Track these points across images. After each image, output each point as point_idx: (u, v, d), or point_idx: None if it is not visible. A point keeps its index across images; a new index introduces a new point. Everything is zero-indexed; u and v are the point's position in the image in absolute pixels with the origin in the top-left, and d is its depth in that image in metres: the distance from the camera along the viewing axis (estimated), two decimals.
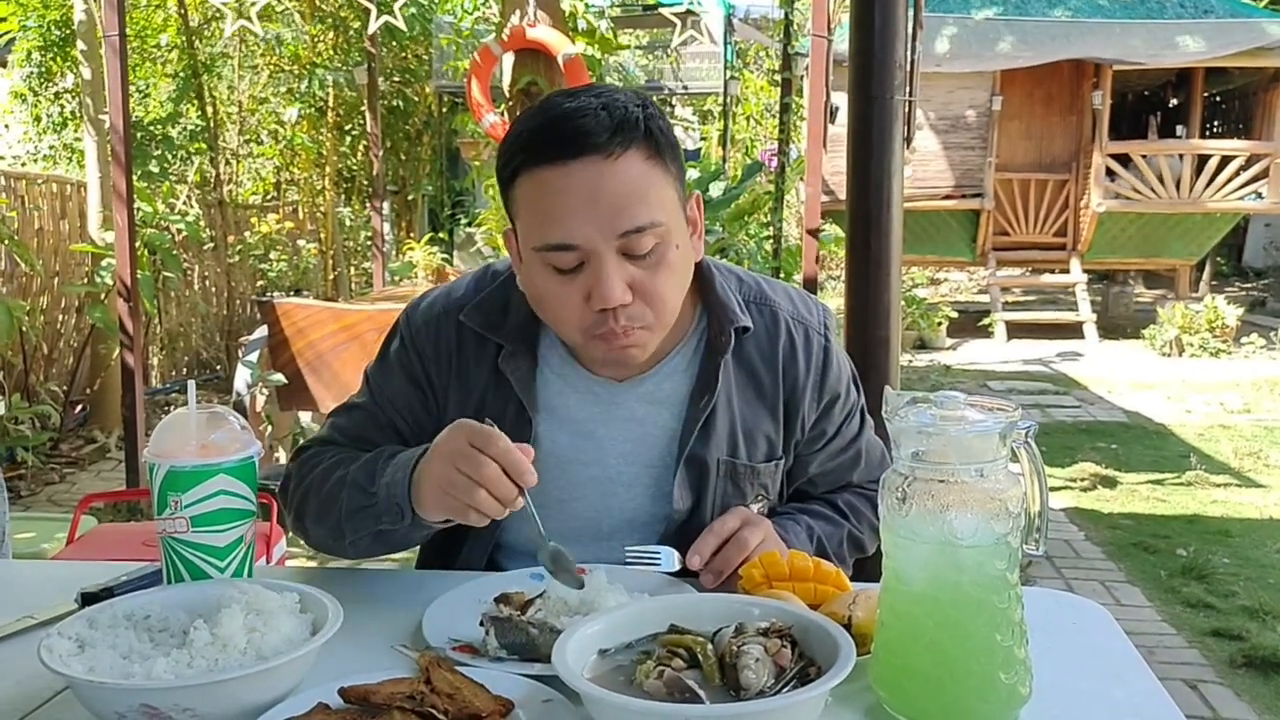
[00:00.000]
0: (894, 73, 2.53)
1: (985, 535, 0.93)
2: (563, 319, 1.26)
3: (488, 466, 1.10)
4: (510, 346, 1.37)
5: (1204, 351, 9.78)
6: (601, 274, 1.19)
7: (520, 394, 1.36)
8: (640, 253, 1.21)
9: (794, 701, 0.88)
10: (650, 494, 1.38)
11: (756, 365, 1.41)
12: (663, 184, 1.22)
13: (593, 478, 1.38)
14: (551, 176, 1.18)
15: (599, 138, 1.17)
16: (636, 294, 1.22)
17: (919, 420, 0.95)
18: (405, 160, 12.34)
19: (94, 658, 0.97)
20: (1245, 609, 3.86)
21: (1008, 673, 0.94)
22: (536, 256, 1.23)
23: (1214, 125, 12.23)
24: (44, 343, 6.43)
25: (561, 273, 1.22)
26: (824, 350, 1.44)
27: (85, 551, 2.73)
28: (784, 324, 1.42)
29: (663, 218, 1.21)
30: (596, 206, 1.17)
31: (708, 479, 1.38)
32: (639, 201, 1.19)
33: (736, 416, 1.39)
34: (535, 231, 1.22)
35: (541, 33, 6.06)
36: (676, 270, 1.25)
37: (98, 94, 5.72)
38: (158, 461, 1.14)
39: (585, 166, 1.17)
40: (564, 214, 1.18)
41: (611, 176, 1.17)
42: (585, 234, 1.18)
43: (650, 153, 1.21)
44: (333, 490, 1.31)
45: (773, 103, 11.51)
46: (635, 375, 1.38)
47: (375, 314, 4.96)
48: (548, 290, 1.25)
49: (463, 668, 1.01)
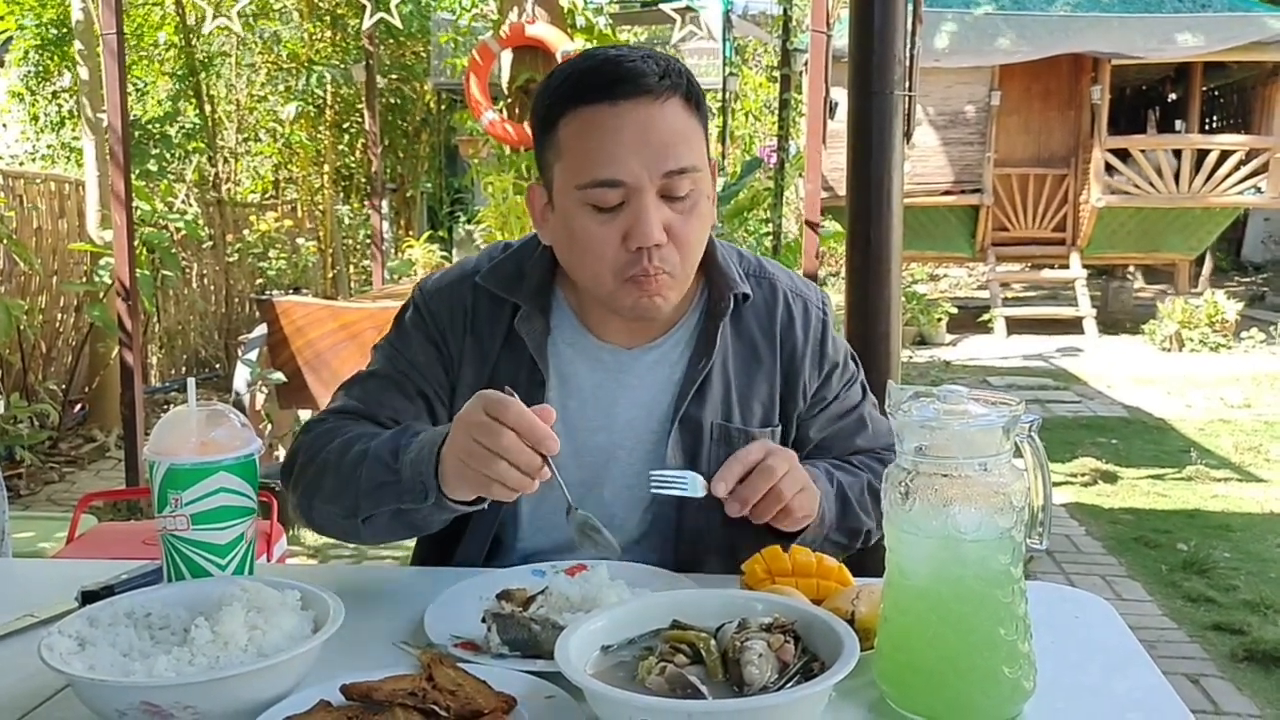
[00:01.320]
0: (894, 67, 2.52)
1: (989, 529, 0.93)
2: (597, 261, 1.28)
3: (505, 435, 1.07)
4: (526, 308, 1.39)
5: (1204, 346, 9.78)
6: (642, 213, 1.24)
7: (534, 355, 1.37)
8: (678, 194, 1.26)
9: (797, 697, 0.88)
10: (649, 459, 1.39)
11: (755, 334, 1.44)
12: (699, 136, 1.28)
13: (599, 445, 1.39)
14: (602, 114, 1.23)
15: (650, 79, 1.23)
16: (670, 237, 1.26)
17: (922, 414, 0.95)
18: (404, 158, 12.34)
19: (94, 656, 0.97)
20: (1246, 603, 3.86)
21: (1011, 667, 0.94)
22: (578, 196, 1.26)
23: (1213, 119, 12.22)
24: (42, 341, 6.42)
25: (601, 212, 1.25)
26: (822, 323, 1.47)
27: (85, 550, 2.72)
28: (782, 295, 1.46)
29: (700, 165, 1.27)
30: (645, 145, 1.22)
31: (701, 441, 1.39)
32: (683, 144, 1.25)
33: (732, 381, 1.42)
34: (582, 169, 1.25)
35: (540, 29, 6.05)
36: (705, 221, 1.31)
37: (95, 93, 5.71)
38: (158, 459, 1.14)
39: (636, 106, 1.22)
40: (614, 151, 1.23)
41: (660, 117, 1.23)
42: (633, 171, 1.23)
43: (690, 105, 1.27)
44: (351, 464, 1.26)
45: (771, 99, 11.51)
46: (643, 344, 1.41)
47: (374, 312, 4.96)
48: (585, 230, 1.27)
49: (465, 664, 1.01)
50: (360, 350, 4.83)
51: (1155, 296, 11.84)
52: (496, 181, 6.62)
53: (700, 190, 1.28)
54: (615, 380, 1.40)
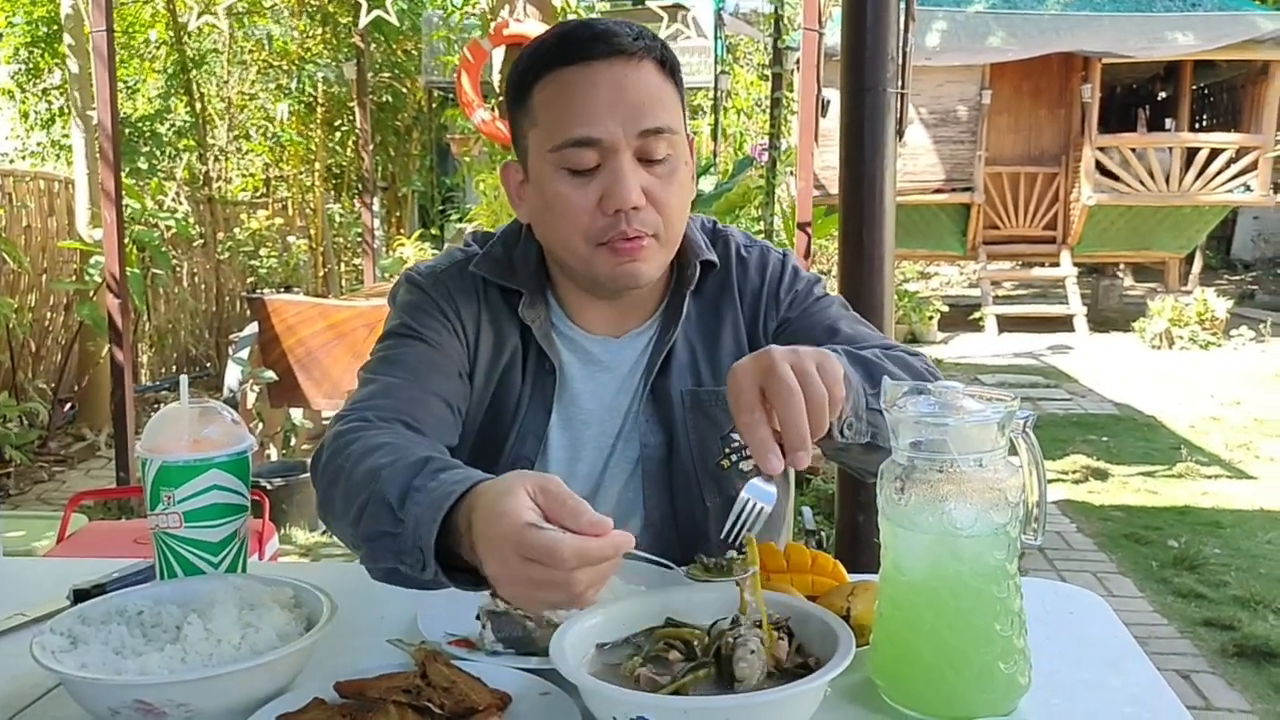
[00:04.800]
0: (886, 65, 2.53)
1: (984, 525, 0.93)
2: (572, 226, 1.25)
3: (577, 583, 0.86)
4: (528, 295, 1.36)
5: (1194, 344, 9.82)
6: (619, 174, 1.21)
7: (542, 343, 1.35)
8: (655, 157, 1.24)
9: (792, 693, 0.88)
10: (628, 439, 1.38)
11: (715, 294, 1.41)
12: (675, 101, 1.27)
13: (593, 435, 1.38)
14: (576, 75, 1.22)
15: (623, 40, 1.22)
16: (649, 200, 1.24)
17: (917, 410, 0.95)
18: (395, 156, 12.32)
19: (87, 654, 0.96)
20: (1236, 599, 3.87)
21: (1007, 662, 0.94)
22: (553, 159, 1.24)
23: (1203, 118, 12.26)
24: (32, 340, 6.40)
25: (577, 175, 1.23)
26: (780, 261, 1.44)
27: (76, 549, 2.71)
28: (736, 249, 1.44)
29: (677, 129, 1.25)
30: (621, 103, 1.21)
31: (673, 411, 1.37)
32: (659, 104, 1.24)
33: (697, 346, 1.39)
34: (557, 129, 1.23)
35: (531, 27, 6.04)
36: (684, 188, 1.28)
37: (85, 90, 5.69)
38: (150, 457, 1.13)
39: (610, 66, 1.22)
40: (588, 109, 1.21)
41: (635, 77, 1.23)
42: (608, 129, 1.21)
43: (665, 70, 1.26)
44: (359, 489, 1.07)
45: (763, 97, 11.51)
46: (628, 331, 1.39)
47: (365, 310, 4.95)
48: (560, 197, 1.24)
49: (459, 662, 1.00)
50: (351, 349, 4.82)
51: (1145, 294, 11.89)
52: (488, 179, 6.62)
53: (678, 156, 1.26)
54: (605, 370, 1.39)
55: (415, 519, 0.97)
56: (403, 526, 0.98)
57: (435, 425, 1.24)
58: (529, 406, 1.36)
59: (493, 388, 1.36)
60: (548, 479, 0.90)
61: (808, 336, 1.35)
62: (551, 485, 0.89)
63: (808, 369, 0.98)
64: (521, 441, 1.35)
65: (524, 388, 1.36)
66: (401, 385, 1.26)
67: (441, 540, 0.95)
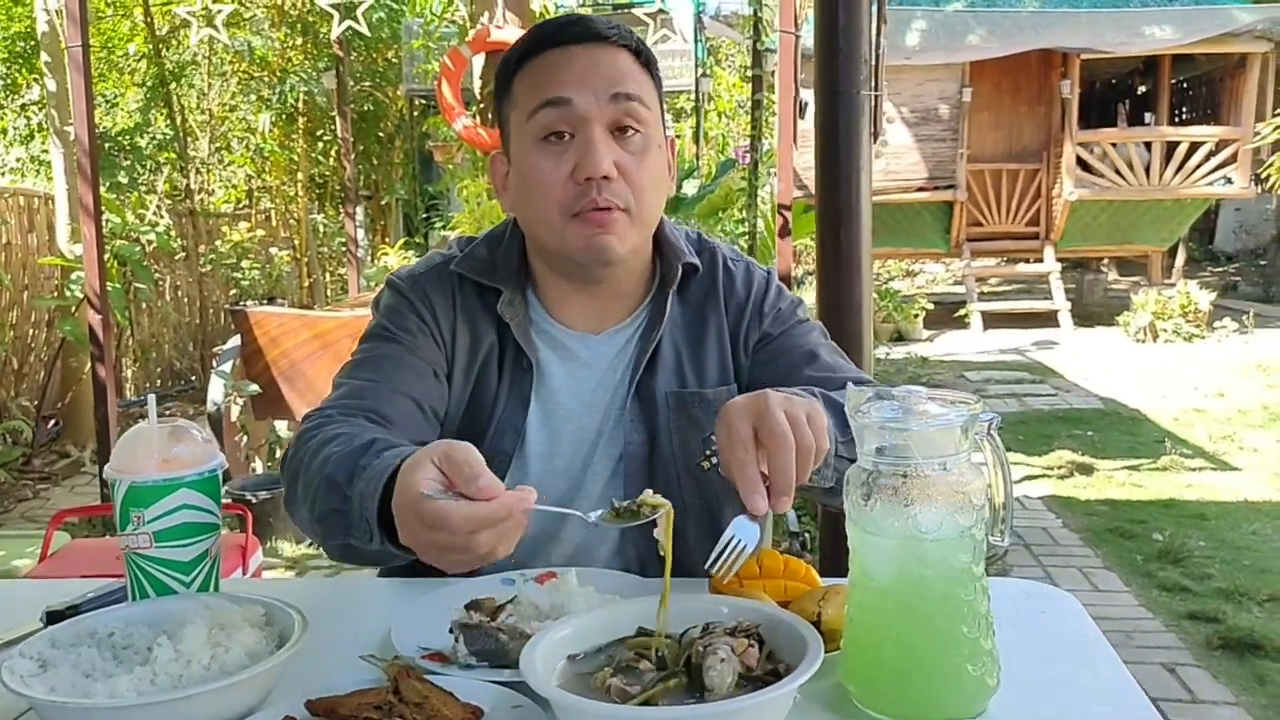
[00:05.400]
0: (859, 67, 2.54)
1: (949, 528, 0.93)
2: (548, 198, 1.31)
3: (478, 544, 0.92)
4: (507, 292, 1.41)
5: (1178, 337, 9.87)
6: (590, 144, 1.28)
7: (520, 340, 1.39)
8: (626, 125, 1.31)
9: (760, 701, 0.88)
10: (611, 436, 1.41)
11: (700, 299, 1.46)
12: (650, 87, 1.35)
13: (572, 430, 1.41)
14: (554, 55, 1.31)
15: (599, 27, 1.32)
16: (621, 173, 1.30)
17: (881, 416, 0.95)
18: (378, 165, 12.30)
19: (56, 677, 0.96)
20: (1221, 591, 3.89)
21: (975, 664, 0.94)
22: (530, 130, 1.31)
23: (1182, 112, 12.33)
24: (14, 357, 6.37)
25: (551, 146, 1.30)
26: (765, 279, 1.49)
27: (58, 568, 2.70)
28: (722, 260, 1.49)
29: (650, 104, 1.33)
30: (594, 75, 1.29)
31: (656, 411, 1.40)
32: (631, 78, 1.32)
33: (682, 349, 1.43)
34: (532, 99, 1.31)
35: (511, 34, 6.05)
36: (655, 171, 1.34)
37: (63, 105, 5.66)
38: (119, 478, 1.13)
39: (585, 47, 1.31)
40: (562, 77, 1.30)
41: (609, 56, 1.32)
42: (580, 93, 1.28)
43: (640, 61, 1.34)
44: (315, 476, 1.15)
45: (745, 99, 11.52)
46: (608, 328, 1.43)
47: (349, 321, 4.94)
48: (536, 169, 1.31)
49: (432, 676, 1.00)
50: (335, 360, 4.81)
51: (1129, 288, 11.96)
52: (471, 186, 6.61)
53: (649, 137, 1.33)
54: (585, 368, 1.42)
55: (360, 494, 1.05)
56: (349, 503, 1.06)
57: (403, 421, 1.29)
58: (506, 402, 1.39)
59: (471, 385, 1.40)
60: (453, 446, 0.94)
61: (787, 358, 1.42)
62: (454, 452, 0.93)
63: (800, 418, 1.02)
64: (500, 436, 1.38)
65: (501, 384, 1.40)
66: (369, 386, 1.32)
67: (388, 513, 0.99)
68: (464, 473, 0.92)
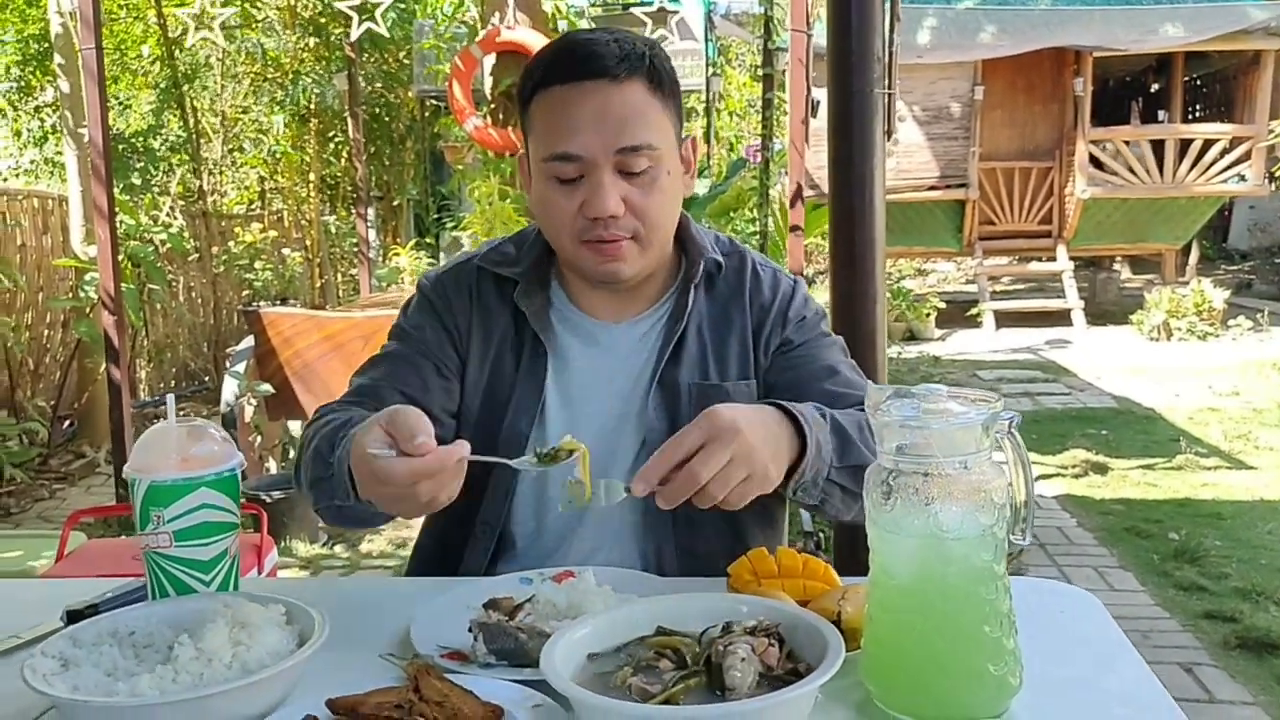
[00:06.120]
0: (872, 65, 2.53)
1: (971, 527, 0.93)
2: (560, 226, 1.38)
3: (419, 493, 1.06)
4: (524, 284, 1.47)
5: (1192, 335, 9.82)
6: (597, 187, 1.32)
7: (536, 327, 1.45)
8: (635, 170, 1.34)
9: (781, 700, 0.88)
10: (634, 423, 1.44)
11: (726, 297, 1.50)
12: (661, 115, 1.36)
13: (592, 414, 1.44)
14: (563, 94, 1.33)
15: (608, 62, 1.31)
16: (629, 208, 1.34)
17: (901, 414, 0.95)
18: (389, 166, 12.31)
19: (78, 676, 0.96)
20: (1238, 591, 3.87)
21: (997, 664, 0.94)
22: (543, 167, 1.36)
23: (1196, 109, 12.26)
24: (30, 358, 6.40)
25: (563, 183, 1.35)
26: (792, 286, 1.53)
27: (75, 568, 2.71)
28: (751, 263, 1.53)
29: (658, 143, 1.34)
30: (601, 123, 1.31)
31: (679, 401, 1.43)
32: (639, 123, 1.33)
33: (708, 342, 1.47)
34: (545, 143, 1.35)
35: (521, 34, 6.05)
36: (666, 194, 1.37)
37: (77, 107, 5.69)
38: (139, 477, 1.13)
39: (596, 87, 1.31)
40: (571, 127, 1.32)
41: (618, 97, 1.32)
42: (587, 146, 1.32)
43: (652, 86, 1.34)
44: (310, 453, 1.32)
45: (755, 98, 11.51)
46: (629, 318, 1.48)
47: (361, 322, 4.95)
48: (549, 199, 1.37)
49: (451, 675, 1.00)
50: (347, 360, 4.82)
51: (1142, 287, 11.90)
52: (482, 187, 6.61)
53: (660, 166, 1.35)
54: (606, 353, 1.47)
55: (339, 460, 1.21)
56: (331, 469, 1.23)
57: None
58: (522, 386, 1.44)
59: (487, 371, 1.46)
60: (397, 410, 1.08)
61: (808, 368, 1.46)
62: (397, 416, 1.06)
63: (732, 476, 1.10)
64: (517, 418, 1.43)
65: (519, 369, 1.45)
66: (374, 385, 1.43)
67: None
68: (403, 433, 1.05)
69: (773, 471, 1.15)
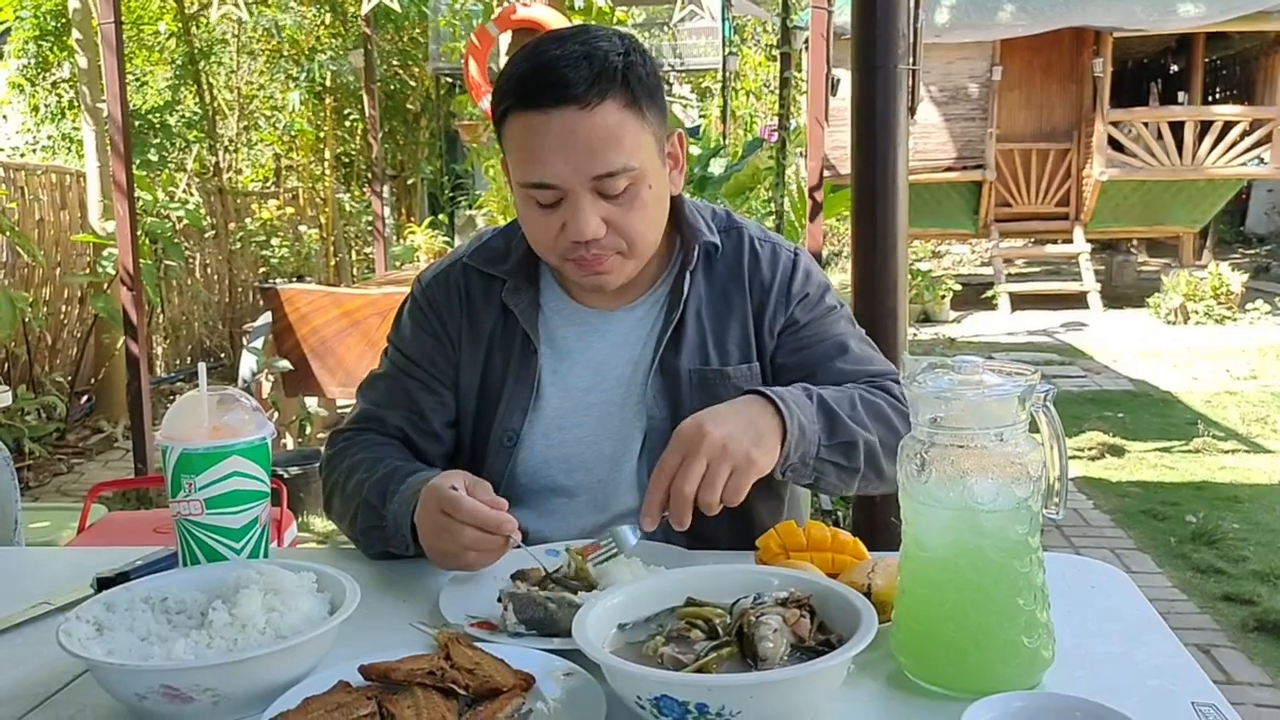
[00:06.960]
0: (897, 41, 2.51)
1: (1006, 499, 0.93)
2: (542, 244, 1.37)
3: (464, 534, 1.16)
4: (513, 281, 1.46)
5: (1209, 318, 9.76)
6: (577, 211, 1.29)
7: (525, 326, 1.44)
8: (613, 193, 1.29)
9: (814, 670, 0.88)
10: (636, 411, 1.43)
11: (725, 279, 1.47)
12: (638, 130, 1.29)
13: (593, 403, 1.44)
14: (534, 121, 1.27)
15: (577, 89, 1.24)
16: (610, 227, 1.31)
17: (937, 385, 0.94)
18: (404, 144, 12.31)
19: (113, 640, 0.97)
20: (1256, 573, 3.86)
21: (1030, 637, 0.94)
22: (521, 191, 1.34)
23: (1215, 91, 12.14)
24: (48, 334, 6.43)
25: (543, 206, 1.32)
26: (792, 261, 1.49)
27: (97, 540, 2.72)
28: (749, 240, 1.49)
29: (636, 162, 1.29)
30: (572, 151, 1.26)
31: (680, 387, 1.42)
32: (613, 147, 1.27)
33: (706, 326, 1.45)
34: (519, 169, 1.32)
35: (538, 11, 6.02)
36: (649, 207, 1.33)
37: (94, 83, 5.69)
38: (171, 444, 1.14)
39: (564, 115, 1.25)
40: (543, 156, 1.27)
41: (588, 124, 1.25)
42: (561, 175, 1.27)
43: (627, 101, 1.28)
44: (351, 497, 1.37)
45: (772, 78, 11.45)
46: (625, 304, 1.46)
47: (378, 298, 4.96)
48: (531, 219, 1.35)
49: (481, 644, 1.00)
50: (364, 337, 4.83)
51: (1160, 270, 11.81)
52: (497, 165, 6.60)
53: (641, 183, 1.30)
54: (602, 339, 1.45)
55: (394, 514, 1.28)
56: (384, 520, 1.29)
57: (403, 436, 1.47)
58: (514, 384, 1.44)
59: (480, 370, 1.46)
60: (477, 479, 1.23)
61: (819, 348, 1.44)
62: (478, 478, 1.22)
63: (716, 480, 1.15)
64: (509, 414, 1.43)
65: (508, 367, 1.45)
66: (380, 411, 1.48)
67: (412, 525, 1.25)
68: (484, 485, 1.21)
69: (757, 456, 1.18)
